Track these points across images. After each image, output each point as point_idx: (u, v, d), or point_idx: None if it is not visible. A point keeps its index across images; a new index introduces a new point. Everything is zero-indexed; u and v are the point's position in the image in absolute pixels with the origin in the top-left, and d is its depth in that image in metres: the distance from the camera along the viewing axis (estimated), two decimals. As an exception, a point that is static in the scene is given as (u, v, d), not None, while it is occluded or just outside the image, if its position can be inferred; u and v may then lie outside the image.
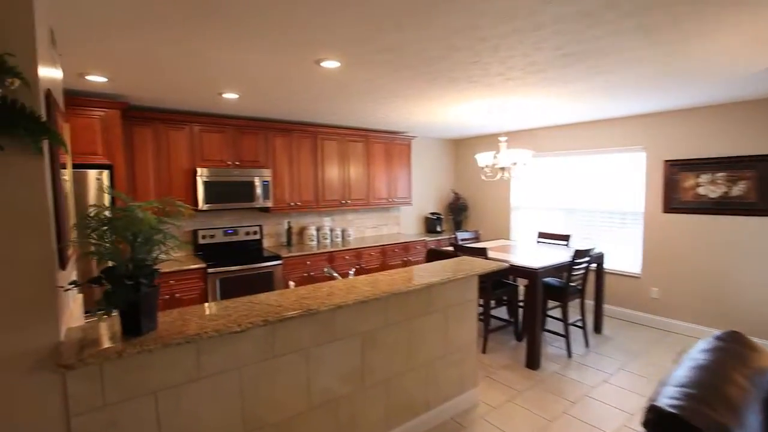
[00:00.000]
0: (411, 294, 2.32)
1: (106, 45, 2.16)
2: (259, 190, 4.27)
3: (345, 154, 5.05)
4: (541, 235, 4.97)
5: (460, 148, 6.67)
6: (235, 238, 4.46)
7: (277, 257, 4.19)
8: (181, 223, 1.45)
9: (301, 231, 5.04)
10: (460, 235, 4.97)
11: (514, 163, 3.91)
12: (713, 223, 4.05)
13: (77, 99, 3.09)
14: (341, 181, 5.03)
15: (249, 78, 2.84)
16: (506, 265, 2.71)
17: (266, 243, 4.79)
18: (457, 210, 6.41)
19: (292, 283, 2.40)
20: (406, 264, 5.32)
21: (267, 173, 4.34)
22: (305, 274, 4.42)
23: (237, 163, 4.23)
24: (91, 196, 3.16)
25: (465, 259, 2.87)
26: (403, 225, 6.11)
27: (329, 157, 4.91)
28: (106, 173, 3.18)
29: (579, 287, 3.87)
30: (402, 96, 3.44)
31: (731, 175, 3.92)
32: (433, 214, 6.17)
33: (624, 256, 4.75)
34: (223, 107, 3.86)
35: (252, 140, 4.32)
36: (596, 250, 3.97)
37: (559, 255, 4.02)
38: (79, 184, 3.09)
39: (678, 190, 4.25)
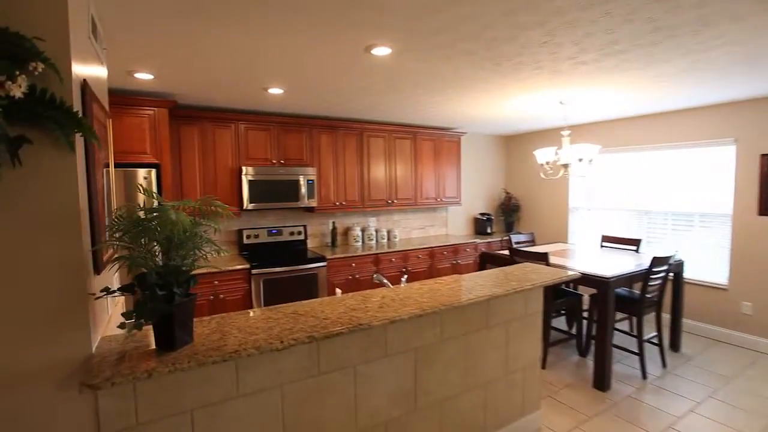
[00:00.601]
0: (471, 306, 2.06)
1: (150, 38, 2.08)
2: (303, 190, 4.16)
3: (391, 151, 4.84)
4: (606, 239, 4.50)
5: (512, 144, 6.26)
6: (279, 238, 4.38)
7: (321, 258, 4.05)
8: (219, 225, 1.28)
9: (346, 231, 4.89)
10: (515, 237, 4.61)
11: (580, 160, 3.52)
12: (824, 228, 3.44)
13: (127, 98, 3.09)
14: (387, 179, 4.82)
15: (295, 70, 2.69)
16: (578, 274, 2.38)
17: (310, 243, 4.67)
18: (508, 210, 6.02)
19: (339, 291, 2.22)
20: (455, 268, 5.02)
21: (312, 172, 4.21)
22: (350, 277, 4.25)
23: (282, 161, 4.13)
24: (141, 196, 3.15)
25: (528, 267, 2.56)
26: (451, 226, 5.81)
27: (375, 155, 4.72)
28: (153, 172, 3.16)
29: (655, 299, 3.42)
30: (457, 87, 3.17)
31: None
32: (482, 214, 5.82)
33: (705, 265, 4.19)
34: (267, 104, 3.77)
35: (296, 138, 4.21)
36: (676, 258, 3.49)
37: (630, 262, 3.58)
38: (130, 183, 3.09)
39: (777, 189, 3.66)
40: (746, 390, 3.12)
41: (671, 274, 3.59)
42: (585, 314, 3.89)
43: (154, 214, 1.16)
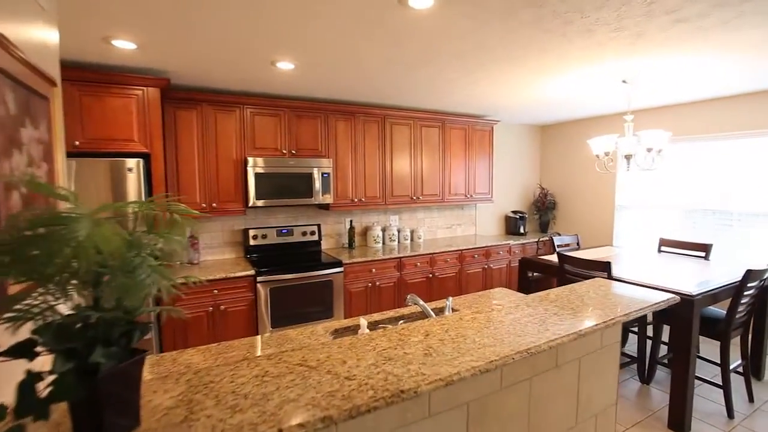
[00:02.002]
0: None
1: (116, -18, 1.57)
2: (317, 184, 3.64)
3: (417, 141, 4.28)
4: (665, 242, 3.88)
5: (549, 134, 5.63)
6: (289, 239, 3.88)
7: (337, 263, 3.54)
8: (182, 238, 0.75)
9: (365, 231, 4.37)
10: (557, 239, 4.02)
11: (648, 150, 2.91)
12: None
13: (108, 74, 2.60)
14: (412, 173, 4.27)
15: (308, 35, 2.16)
16: (676, 297, 1.80)
17: (324, 245, 4.17)
18: (543, 209, 5.41)
19: (363, 322, 1.69)
20: (487, 273, 4.46)
21: (327, 164, 3.69)
22: (369, 284, 3.73)
23: (293, 151, 3.62)
24: (131, 190, 2.68)
25: (603, 284, 1.99)
26: (480, 225, 5.24)
27: (399, 145, 4.17)
28: (141, 163, 2.68)
29: (744, 319, 2.81)
30: (504, 58, 2.59)
31: None
32: (515, 212, 5.23)
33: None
34: (276, 85, 3.25)
35: (310, 125, 3.69)
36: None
37: (707, 273, 2.97)
38: (115, 175, 2.62)
39: None
40: None
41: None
42: (650, 335, 3.30)
43: (56, 226, 0.65)
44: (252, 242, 3.70)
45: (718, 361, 2.92)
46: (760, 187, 3.68)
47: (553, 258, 3.51)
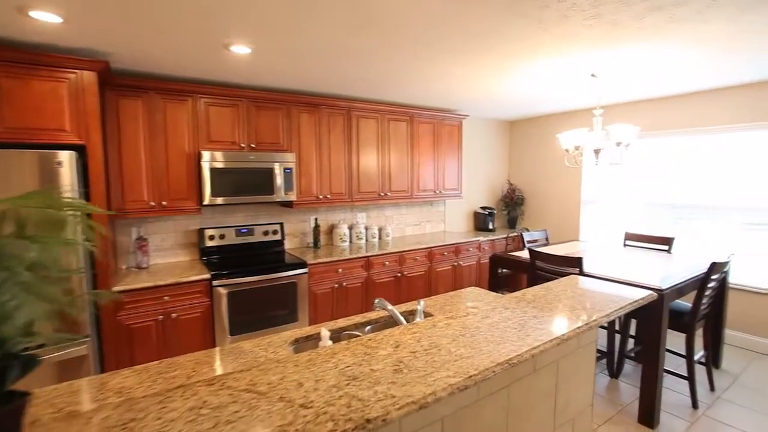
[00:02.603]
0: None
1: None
2: (279, 180, 3.42)
3: (384, 135, 4.13)
4: (630, 236, 3.93)
5: (516, 130, 5.62)
6: (250, 239, 3.64)
7: (301, 264, 3.34)
8: (72, 241, 0.55)
9: (331, 229, 4.18)
10: (527, 235, 3.99)
11: (618, 144, 2.89)
12: None
13: (33, 54, 2.28)
14: (380, 168, 4.12)
15: (266, 14, 1.95)
16: (653, 294, 1.75)
17: (288, 244, 3.95)
18: (512, 204, 5.40)
19: (325, 333, 1.51)
20: (457, 271, 4.38)
21: (290, 158, 3.47)
22: (336, 285, 3.56)
23: (253, 145, 3.38)
24: (64, 186, 2.37)
25: (578, 283, 1.92)
26: (449, 221, 5.16)
27: (366, 139, 4.00)
28: (74, 156, 2.37)
29: (706, 311, 2.85)
30: (475, 46, 2.48)
31: None
32: (484, 208, 5.19)
33: (746, 266, 3.66)
34: (233, 72, 3.01)
35: (271, 117, 3.46)
36: (729, 259, 2.93)
37: (672, 266, 3.00)
38: (44, 170, 2.30)
39: (840, 180, 3.12)
40: (820, 423, 2.59)
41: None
42: (617, 329, 3.31)
43: None
44: (209, 243, 3.44)
45: (682, 353, 2.96)
46: (718, 181, 3.78)
47: (524, 254, 3.46)
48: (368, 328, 1.88)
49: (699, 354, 2.92)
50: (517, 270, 3.38)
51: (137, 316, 2.68)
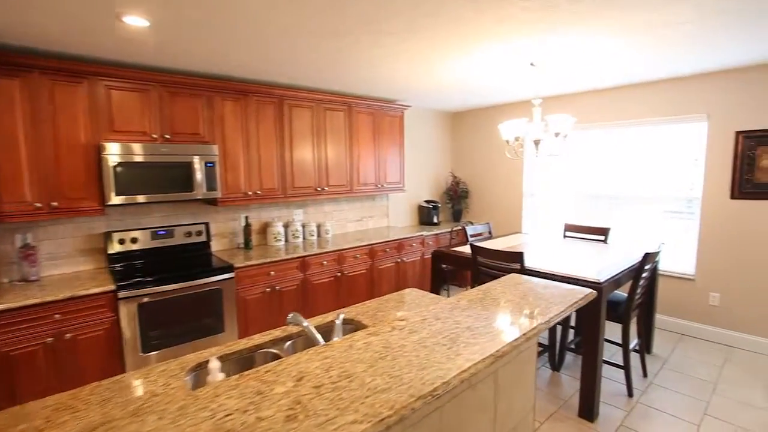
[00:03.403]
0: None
1: None
2: (200, 175, 3.05)
3: (321, 126, 3.86)
4: (569, 227, 3.97)
5: (460, 121, 5.56)
6: (169, 242, 3.24)
7: (227, 268, 3.01)
8: None
9: (264, 228, 3.86)
10: (470, 229, 3.91)
11: (556, 135, 2.84)
12: (801, 211, 3.13)
13: None
14: (316, 162, 3.85)
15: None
16: (593, 293, 1.66)
17: (216, 246, 3.58)
18: (456, 197, 5.34)
19: (214, 364, 1.24)
20: (400, 268, 4.23)
21: (212, 151, 3.12)
22: (268, 289, 3.26)
23: (167, 136, 2.99)
24: None
25: (520, 282, 1.79)
26: (393, 216, 5.00)
27: (300, 130, 3.71)
28: None
29: (640, 301, 2.89)
30: (413, 28, 2.29)
31: (832, 149, 2.98)
32: (428, 202, 5.08)
33: (673, 254, 3.81)
34: (136, 50, 2.60)
35: (190, 105, 3.08)
36: (659, 248, 2.99)
37: (610, 257, 3.02)
38: None
39: (755, 169, 3.30)
40: (737, 399, 2.71)
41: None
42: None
43: None
44: (117, 249, 3.01)
45: (618, 341, 3.00)
46: (645, 172, 3.90)
47: (467, 249, 3.37)
48: (288, 344, 1.64)
49: (633, 342, 2.97)
50: (460, 266, 3.28)
51: (19, 341, 2.25)
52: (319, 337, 1.34)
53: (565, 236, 3.96)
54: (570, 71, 3.31)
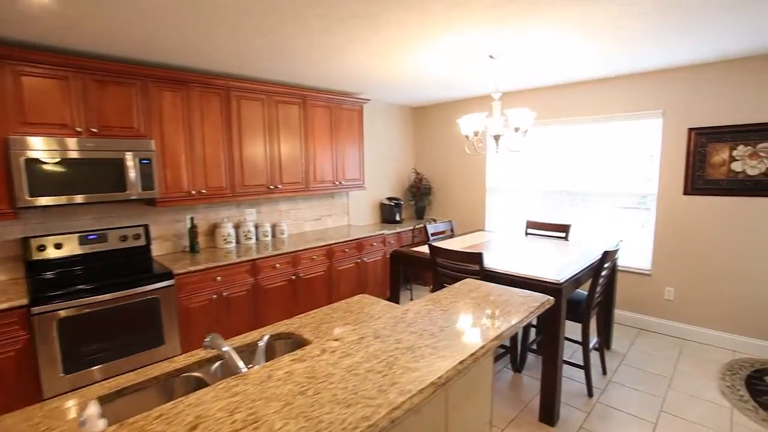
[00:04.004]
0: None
1: None
2: (133, 173, 2.76)
3: (273, 120, 3.61)
4: (531, 225, 3.93)
5: (422, 117, 5.43)
6: (101, 247, 2.93)
7: (164, 275, 2.75)
8: None
9: (213, 230, 3.59)
10: (431, 227, 3.79)
11: (516, 130, 2.75)
12: (750, 207, 3.19)
13: None
14: (268, 158, 3.60)
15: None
16: (550, 300, 1.55)
17: (158, 250, 3.29)
18: (419, 194, 5.22)
19: (92, 409, 1.03)
20: (360, 269, 4.06)
21: (149, 147, 2.83)
22: (215, 296, 3.02)
23: (94, 130, 2.67)
24: None
25: (473, 288, 1.67)
26: (354, 214, 4.82)
27: (250, 124, 3.46)
28: None
29: (600, 299, 2.86)
30: (367, 13, 2.11)
31: (778, 145, 3.05)
32: (390, 199, 4.93)
33: (631, 249, 3.84)
34: (49, 30, 2.29)
35: (121, 95, 2.77)
36: (618, 245, 2.97)
37: (570, 255, 2.98)
38: None
39: (705, 165, 3.35)
40: (690, 393, 2.72)
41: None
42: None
43: None
44: (37, 256, 2.68)
45: (578, 339, 2.96)
46: (607, 168, 3.91)
47: (426, 249, 3.24)
48: (216, 365, 1.44)
49: (593, 341, 2.94)
50: (419, 267, 3.14)
51: None
52: (240, 364, 1.15)
53: (527, 233, 3.91)
54: (529, 65, 3.23)
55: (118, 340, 2.56)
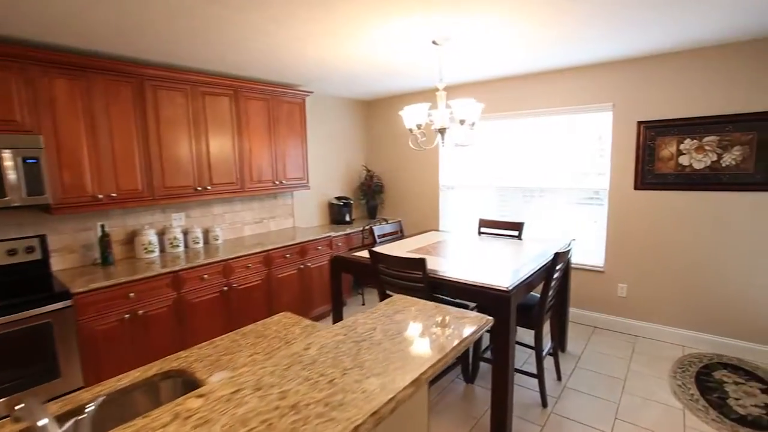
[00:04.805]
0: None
1: None
2: (14, 175, 2.31)
3: (200, 113, 3.22)
4: (484, 223, 3.75)
5: (373, 111, 5.17)
6: (-20, 264, 2.46)
7: (58, 295, 2.32)
8: None
9: (131, 238, 3.16)
10: (378, 229, 3.53)
11: (461, 122, 2.53)
12: (697, 201, 3.15)
13: None
14: (195, 156, 3.21)
15: None
16: (490, 320, 1.32)
17: (61, 264, 2.84)
18: (370, 192, 4.96)
19: None
20: (304, 275, 3.74)
21: (37, 143, 2.38)
22: (127, 316, 2.61)
23: (-39, 123, 2.21)
24: None
25: (401, 313, 1.41)
26: (300, 216, 4.48)
27: (171, 118, 3.05)
28: None
29: (553, 303, 2.70)
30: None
31: (724, 139, 3.01)
32: (339, 199, 4.64)
33: (584, 246, 3.75)
34: None
35: (-3, 82, 2.32)
36: (570, 245, 2.83)
37: (522, 256, 2.80)
38: None
39: (655, 159, 3.28)
40: (643, 397, 2.62)
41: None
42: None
43: None
44: None
45: (532, 344, 2.80)
46: (560, 163, 3.79)
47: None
48: (91, 407, 1.11)
49: (547, 347, 2.79)
50: (361, 275, 2.87)
51: None
52: (60, 439, 0.83)
53: (480, 233, 3.74)
54: (476, 55, 3.03)
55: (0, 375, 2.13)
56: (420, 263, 2.28)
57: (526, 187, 4.01)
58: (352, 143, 5.06)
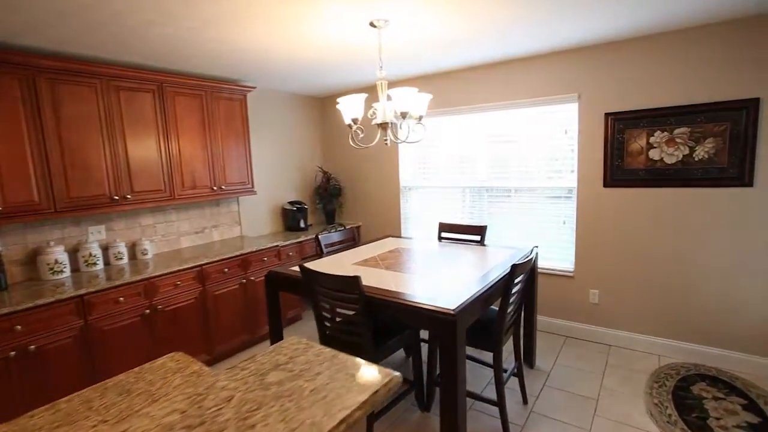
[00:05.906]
0: None
1: None
2: None
3: (114, 112, 2.80)
4: (444, 227, 3.43)
5: (327, 108, 4.80)
6: None
7: None
8: None
9: (33, 258, 2.72)
10: (325, 238, 3.18)
11: (403, 116, 2.19)
12: (670, 198, 2.90)
13: None
14: (108, 160, 2.79)
15: None
16: (398, 377, 0.99)
17: (-62, 291, 2.39)
18: (327, 196, 4.60)
19: None
20: (246, 290, 3.36)
21: None
22: (12, 353, 2.19)
23: None
24: None
25: (291, 356, 1.07)
26: (248, 224, 4.09)
27: (77, 118, 2.63)
28: None
29: (513, 318, 2.39)
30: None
31: (695, 130, 2.76)
32: (293, 203, 4.26)
33: (552, 249, 3.48)
34: None
35: None
36: (533, 253, 2.53)
37: (481, 266, 2.49)
38: None
39: (624, 154, 3.02)
40: (616, 420, 2.34)
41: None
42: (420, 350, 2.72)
43: None
44: None
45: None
46: (530, 162, 3.51)
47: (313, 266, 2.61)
48: None
49: (509, 368, 2.48)
50: (298, 293, 2.51)
51: None
52: None
53: (440, 238, 3.42)
54: (424, 42, 2.70)
55: None
56: (354, 282, 1.93)
57: (492, 187, 3.71)
58: (306, 143, 4.69)
